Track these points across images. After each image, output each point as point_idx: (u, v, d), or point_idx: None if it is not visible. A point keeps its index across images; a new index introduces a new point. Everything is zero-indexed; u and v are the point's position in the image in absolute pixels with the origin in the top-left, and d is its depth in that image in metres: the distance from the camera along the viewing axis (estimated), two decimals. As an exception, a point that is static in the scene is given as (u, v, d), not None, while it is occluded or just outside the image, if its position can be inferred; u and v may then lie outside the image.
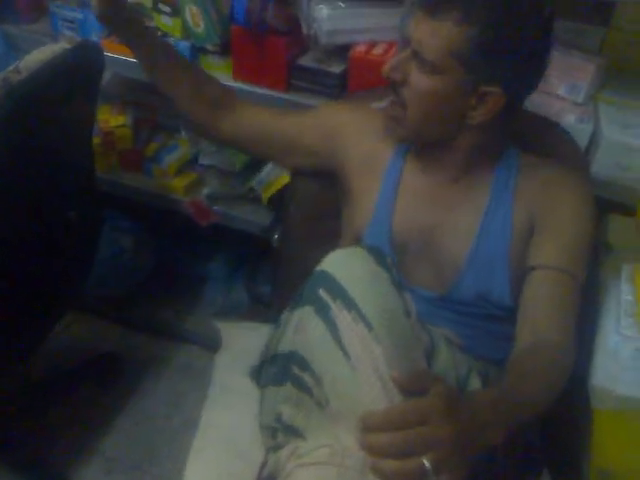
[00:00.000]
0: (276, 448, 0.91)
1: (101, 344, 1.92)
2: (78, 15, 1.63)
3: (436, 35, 0.94)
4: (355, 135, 1.17)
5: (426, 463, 0.71)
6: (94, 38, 1.62)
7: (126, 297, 1.99)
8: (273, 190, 1.66)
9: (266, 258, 1.89)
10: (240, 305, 1.98)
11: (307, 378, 0.85)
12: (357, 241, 1.14)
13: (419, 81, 0.98)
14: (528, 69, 0.98)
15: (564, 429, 1.05)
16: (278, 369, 0.93)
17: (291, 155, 1.23)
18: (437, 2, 0.94)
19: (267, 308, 1.83)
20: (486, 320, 1.08)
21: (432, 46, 0.94)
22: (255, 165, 1.70)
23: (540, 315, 0.99)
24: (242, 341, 1.27)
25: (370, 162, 1.15)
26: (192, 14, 1.44)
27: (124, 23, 1.16)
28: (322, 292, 0.85)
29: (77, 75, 1.30)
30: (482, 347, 1.07)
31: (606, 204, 1.21)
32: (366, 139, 1.16)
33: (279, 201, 1.58)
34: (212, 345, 1.32)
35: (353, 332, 0.81)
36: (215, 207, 1.72)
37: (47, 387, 1.77)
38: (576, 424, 0.99)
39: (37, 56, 1.18)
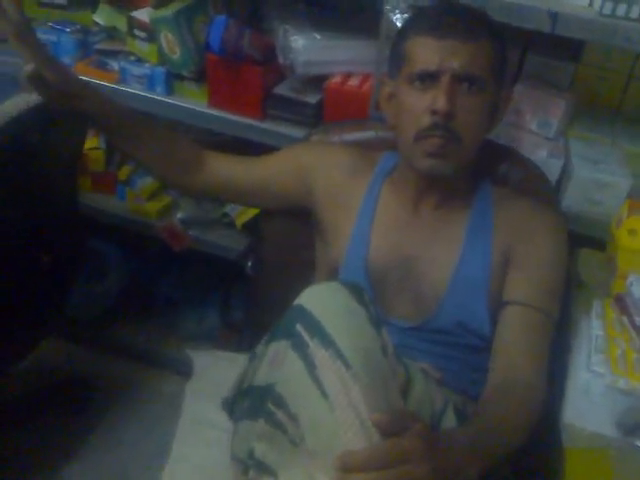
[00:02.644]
0: (248, 485, 0.89)
1: (70, 368, 1.88)
2: (52, 37, 1.62)
3: (479, 54, 1.01)
4: (324, 173, 1.18)
5: None
6: (67, 61, 1.61)
7: (97, 321, 1.96)
8: (247, 216, 1.66)
9: (240, 283, 1.88)
10: (213, 330, 1.96)
11: (281, 415, 0.84)
12: (333, 275, 1.14)
13: (472, 104, 1.02)
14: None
15: (538, 468, 1.06)
16: (252, 403, 0.92)
17: (265, 200, 1.25)
18: (466, 29, 1.01)
19: (240, 334, 1.82)
20: (465, 351, 1.08)
21: (480, 64, 1.01)
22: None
23: (513, 353, 1.00)
24: (214, 371, 1.25)
25: (343, 197, 1.16)
26: (167, 41, 1.43)
27: (77, 99, 1.09)
28: (300, 328, 0.84)
29: (54, 124, 1.24)
30: (460, 380, 1.07)
31: (577, 239, 1.23)
32: (337, 175, 1.17)
33: (254, 227, 1.58)
34: (184, 371, 1.31)
35: (331, 370, 0.80)
36: (189, 231, 1.71)
37: (13, 411, 1.72)
38: (549, 463, 0.99)
39: (9, 108, 1.11)
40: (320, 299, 0.87)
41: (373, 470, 0.73)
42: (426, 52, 1.01)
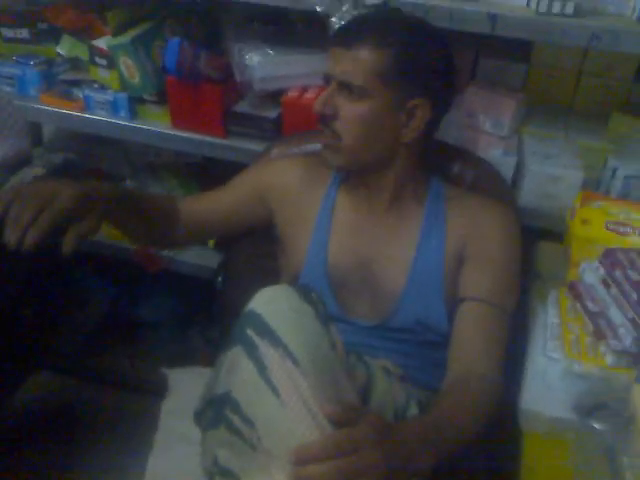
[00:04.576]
0: (215, 492, 0.90)
1: (53, 397, 1.88)
2: (17, 71, 1.65)
3: (358, 62, 1.02)
4: (281, 189, 1.21)
5: None
6: (33, 93, 1.64)
7: (80, 349, 1.96)
8: (218, 234, 1.67)
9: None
10: (195, 350, 1.96)
11: (237, 421, 0.85)
12: (295, 282, 1.16)
13: (350, 110, 1.04)
14: (442, 81, 1.07)
15: (504, 455, 1.07)
16: (214, 412, 0.93)
17: (236, 227, 1.29)
18: (353, 36, 1.03)
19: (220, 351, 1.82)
20: (424, 347, 1.10)
21: (357, 71, 1.02)
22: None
23: (470, 348, 1.02)
24: (188, 386, 1.26)
25: (301, 207, 1.19)
26: (127, 66, 1.46)
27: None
28: (250, 331, 0.86)
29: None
30: (421, 375, 1.09)
31: (535, 232, 1.25)
32: (293, 188, 1.20)
33: (226, 244, 1.59)
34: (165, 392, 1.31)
35: (281, 369, 0.82)
36: (163, 253, 1.73)
37: (3, 441, 1.72)
38: (511, 449, 1.00)
39: None
40: (268, 301, 0.89)
41: (327, 460, 0.74)
42: (328, 58, 1.07)
